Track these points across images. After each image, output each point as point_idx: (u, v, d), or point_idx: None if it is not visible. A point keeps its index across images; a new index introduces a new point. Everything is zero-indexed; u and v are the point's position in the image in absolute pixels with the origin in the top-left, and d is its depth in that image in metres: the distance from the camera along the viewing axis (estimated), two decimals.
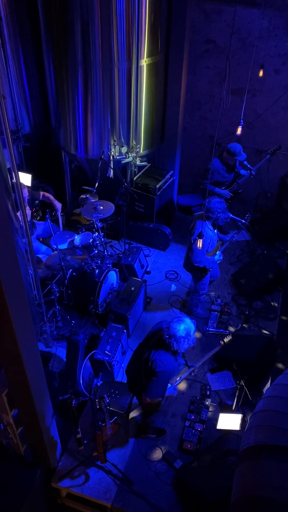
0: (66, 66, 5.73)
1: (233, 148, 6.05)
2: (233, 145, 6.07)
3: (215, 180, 6.30)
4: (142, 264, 6.47)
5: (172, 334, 3.67)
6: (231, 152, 6.07)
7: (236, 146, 6.06)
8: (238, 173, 6.43)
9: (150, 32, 5.56)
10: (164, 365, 3.75)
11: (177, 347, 3.70)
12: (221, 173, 6.30)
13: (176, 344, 3.67)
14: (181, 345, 3.69)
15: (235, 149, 6.04)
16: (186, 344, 3.70)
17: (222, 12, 6.40)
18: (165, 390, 3.87)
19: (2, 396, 3.65)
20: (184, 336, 3.67)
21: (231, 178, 6.43)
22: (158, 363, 3.75)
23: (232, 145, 6.07)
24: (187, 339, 3.69)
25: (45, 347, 5.47)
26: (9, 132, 3.82)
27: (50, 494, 4.38)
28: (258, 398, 4.65)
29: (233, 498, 3.20)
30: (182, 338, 3.66)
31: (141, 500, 4.13)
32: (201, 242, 4.30)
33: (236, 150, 6.04)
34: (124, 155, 6.23)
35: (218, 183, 6.36)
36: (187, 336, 3.68)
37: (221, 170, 6.27)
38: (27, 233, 4.34)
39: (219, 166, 6.25)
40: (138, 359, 4.03)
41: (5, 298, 2.74)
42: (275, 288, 6.22)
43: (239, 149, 6.06)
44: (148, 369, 3.82)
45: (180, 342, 3.67)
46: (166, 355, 3.77)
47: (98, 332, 5.62)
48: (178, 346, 3.69)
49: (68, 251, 5.68)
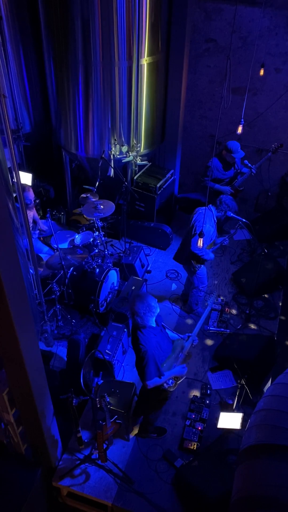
0: (67, 65, 5.72)
1: (230, 145, 6.10)
2: (231, 142, 6.12)
3: (215, 177, 6.33)
4: (142, 263, 6.47)
5: (133, 311, 3.79)
6: (228, 149, 6.12)
7: (234, 144, 6.09)
8: (239, 170, 6.44)
9: (151, 31, 5.56)
10: (144, 345, 3.80)
11: (142, 322, 3.80)
12: (219, 170, 6.33)
13: (140, 319, 3.78)
14: (145, 318, 3.78)
15: (232, 146, 6.09)
16: (149, 314, 3.79)
17: (223, 11, 6.39)
18: (157, 368, 3.86)
19: (3, 395, 3.65)
20: (144, 308, 3.76)
21: (231, 175, 6.44)
22: (139, 347, 3.82)
23: (230, 143, 6.12)
24: (148, 310, 3.77)
25: (45, 346, 5.48)
26: (10, 131, 3.82)
27: (50, 493, 4.39)
28: (259, 397, 4.65)
29: (233, 497, 3.20)
30: (142, 310, 3.76)
31: (142, 499, 4.14)
32: (201, 241, 4.31)
33: (233, 147, 6.08)
34: (124, 154, 6.22)
35: (218, 180, 6.38)
36: (147, 307, 3.76)
37: (219, 166, 6.32)
38: (28, 232, 4.34)
39: (217, 163, 6.30)
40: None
41: (6, 297, 2.74)
42: (276, 287, 6.22)
43: (236, 147, 6.09)
44: (137, 356, 3.88)
45: (142, 316, 3.77)
46: (142, 335, 3.83)
47: (98, 331, 5.63)
48: (143, 320, 3.79)
49: (68, 250, 5.69)
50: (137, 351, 3.87)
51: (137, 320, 3.81)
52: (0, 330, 3.05)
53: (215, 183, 6.34)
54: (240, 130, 5.27)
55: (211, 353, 5.43)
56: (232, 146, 6.09)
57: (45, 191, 7.24)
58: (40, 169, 7.14)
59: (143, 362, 3.79)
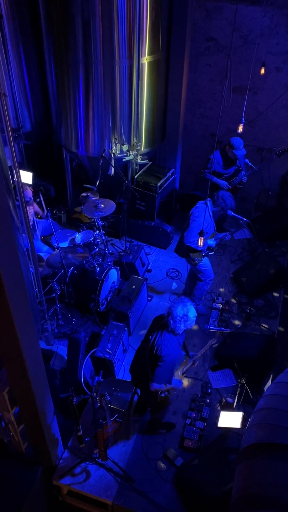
0: (67, 63, 5.72)
1: (233, 141, 6.12)
2: (235, 138, 6.13)
3: (214, 170, 6.34)
4: (143, 262, 6.47)
5: (170, 312, 3.74)
6: (231, 145, 6.13)
7: (237, 140, 6.10)
8: (240, 168, 6.44)
9: (151, 29, 5.55)
10: (168, 348, 3.75)
11: (173, 326, 3.73)
12: (220, 163, 6.35)
13: (172, 322, 3.72)
14: (177, 325, 3.72)
15: (234, 142, 6.11)
16: (182, 324, 3.73)
17: (223, 10, 6.38)
18: (171, 376, 3.85)
19: (3, 394, 3.66)
20: (181, 316, 3.70)
21: (231, 171, 6.45)
22: (163, 347, 3.76)
23: (233, 138, 6.13)
24: (183, 320, 3.72)
25: (46, 345, 5.48)
26: (10, 130, 3.82)
27: (51, 491, 4.39)
28: (259, 396, 4.65)
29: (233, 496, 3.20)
30: (178, 317, 3.70)
31: (142, 498, 4.14)
32: (202, 240, 4.32)
33: (236, 143, 6.09)
34: (125, 153, 6.22)
35: (217, 174, 6.39)
36: (183, 317, 3.71)
37: (219, 160, 6.34)
38: (28, 231, 4.34)
39: (218, 157, 6.31)
40: (142, 351, 4.05)
41: (6, 296, 2.74)
42: (276, 286, 6.22)
43: (239, 143, 6.10)
44: (154, 356, 3.82)
45: (176, 321, 3.71)
46: (169, 338, 3.78)
47: (99, 330, 5.63)
48: (175, 325, 3.72)
49: (69, 249, 5.69)
50: (154, 350, 3.80)
51: (169, 322, 3.75)
52: (0, 329, 3.05)
53: (214, 177, 6.35)
54: (240, 129, 5.27)
55: (212, 352, 5.43)
56: (235, 142, 6.10)
57: (45, 190, 7.24)
58: (41, 168, 7.14)
59: (160, 363, 3.76)
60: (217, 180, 6.36)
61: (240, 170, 6.46)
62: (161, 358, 3.75)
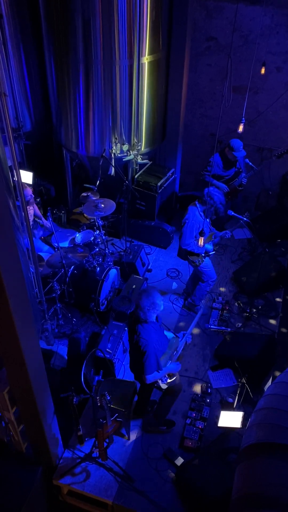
0: (67, 63, 5.72)
1: (232, 143, 6.12)
2: (234, 140, 6.13)
3: (214, 173, 6.34)
4: (143, 262, 6.47)
5: (138, 304, 3.87)
6: (230, 147, 6.13)
7: (236, 142, 6.10)
8: (240, 169, 6.44)
9: (152, 29, 5.55)
10: (144, 339, 3.86)
11: (144, 317, 3.86)
12: (220, 166, 6.34)
13: (142, 314, 3.85)
14: (148, 314, 3.85)
15: (233, 144, 6.10)
16: (152, 312, 3.87)
17: (224, 9, 6.38)
18: (157, 362, 3.91)
19: (3, 393, 3.66)
20: (149, 305, 3.82)
21: (231, 173, 6.44)
22: (140, 340, 3.88)
23: (233, 140, 6.13)
24: (152, 307, 3.84)
25: (46, 345, 5.48)
26: (10, 130, 3.82)
27: (51, 491, 4.39)
28: (259, 396, 4.65)
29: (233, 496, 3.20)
30: (147, 307, 3.82)
31: (142, 498, 4.14)
32: (202, 239, 4.33)
33: (235, 145, 6.09)
34: (125, 153, 6.22)
35: (217, 176, 6.39)
36: (152, 305, 3.84)
37: (219, 163, 6.34)
38: (29, 230, 4.34)
39: (218, 159, 6.31)
40: (131, 352, 4.19)
41: (6, 296, 2.74)
42: (277, 286, 6.22)
43: (238, 145, 6.09)
44: (139, 351, 3.91)
45: (145, 311, 3.83)
46: (143, 329, 3.90)
47: (99, 330, 5.63)
48: (145, 315, 3.85)
49: (69, 249, 5.69)
50: (136, 345, 3.92)
51: (139, 314, 3.87)
52: (0, 328, 3.05)
53: (213, 179, 6.35)
54: (241, 129, 5.27)
55: (212, 352, 5.43)
56: (234, 144, 6.09)
57: (45, 190, 7.24)
58: (41, 168, 7.14)
59: (144, 355, 3.85)
60: (216, 183, 6.35)
61: (240, 172, 6.45)
62: (142, 350, 3.86)
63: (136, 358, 4.02)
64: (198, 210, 5.22)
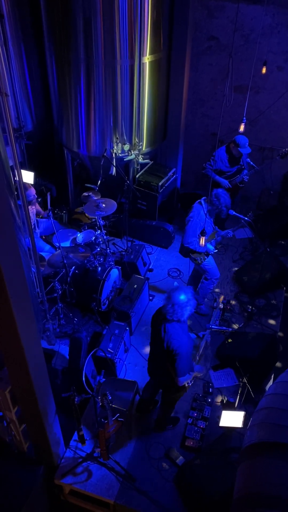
0: (69, 63, 5.72)
1: (238, 139, 6.12)
2: (240, 136, 6.13)
3: (218, 168, 6.34)
4: (144, 262, 6.47)
5: (175, 302, 3.67)
6: (236, 143, 6.13)
7: (242, 138, 6.11)
8: (243, 167, 6.44)
9: (153, 29, 5.55)
10: (177, 340, 3.72)
11: (181, 314, 3.69)
12: (223, 161, 6.34)
13: (180, 310, 3.67)
14: (184, 311, 3.69)
15: (239, 140, 6.11)
16: (189, 310, 3.72)
17: (225, 9, 6.38)
18: (190, 363, 3.83)
19: (5, 393, 3.66)
20: (186, 301, 3.68)
21: (234, 170, 6.44)
22: (172, 341, 3.72)
23: (239, 136, 6.13)
24: (189, 305, 3.70)
25: (47, 345, 5.48)
26: (12, 130, 3.82)
27: (53, 490, 4.40)
28: (261, 395, 4.65)
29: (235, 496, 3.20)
30: (184, 303, 3.67)
31: (144, 497, 4.15)
32: (203, 239, 4.32)
33: (241, 141, 6.10)
34: (126, 152, 6.22)
35: (220, 172, 6.38)
36: (188, 301, 3.69)
37: (224, 158, 6.33)
38: (30, 230, 4.34)
39: (223, 154, 6.30)
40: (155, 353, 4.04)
41: (8, 296, 2.75)
42: (278, 286, 6.21)
43: (244, 141, 6.10)
44: (167, 352, 3.79)
45: (183, 308, 3.67)
46: (173, 329, 3.75)
47: (100, 330, 5.63)
48: (182, 312, 3.68)
49: (70, 249, 5.69)
50: (166, 346, 3.76)
51: (176, 312, 3.68)
52: (2, 328, 3.05)
53: (215, 174, 6.35)
54: (242, 128, 5.27)
55: (213, 352, 5.43)
56: (240, 140, 6.10)
57: (47, 189, 7.24)
58: (42, 168, 7.14)
59: (176, 357, 3.71)
60: (218, 178, 6.36)
61: (243, 169, 6.45)
62: (175, 352, 3.72)
63: (163, 361, 3.87)
64: (203, 209, 5.20)
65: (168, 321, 3.76)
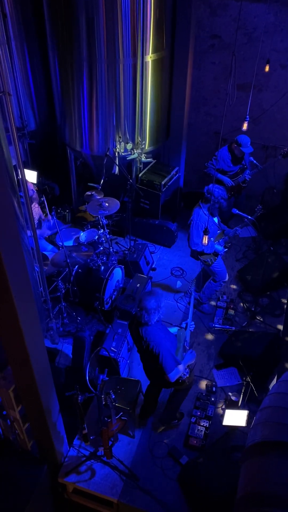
0: (71, 62, 5.72)
1: (240, 139, 6.11)
2: (242, 136, 6.12)
3: (220, 167, 6.33)
4: (147, 261, 6.47)
5: (143, 306, 3.76)
6: (238, 143, 6.11)
7: (243, 137, 6.10)
8: (245, 166, 6.42)
9: (155, 27, 5.54)
10: (154, 340, 3.81)
11: (148, 319, 3.78)
12: (226, 161, 6.33)
13: (146, 315, 3.77)
14: (151, 317, 3.77)
15: (242, 139, 6.10)
16: (156, 315, 3.79)
17: (228, 7, 6.36)
18: (173, 358, 3.86)
19: (9, 392, 3.68)
20: (154, 307, 3.75)
21: (236, 169, 6.43)
22: (150, 342, 3.82)
23: (240, 136, 6.12)
24: (156, 311, 3.78)
25: (51, 344, 5.50)
26: (15, 129, 3.82)
27: (56, 489, 4.41)
28: (264, 394, 4.64)
29: (238, 494, 3.20)
30: (152, 309, 3.75)
31: (147, 496, 4.15)
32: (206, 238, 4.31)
33: (243, 141, 6.09)
34: (129, 151, 6.22)
35: (222, 171, 6.38)
36: (157, 308, 3.77)
37: (226, 158, 6.32)
38: (33, 229, 4.35)
39: (225, 154, 6.30)
40: (143, 357, 4.11)
41: (11, 295, 2.75)
42: (281, 285, 6.20)
43: (246, 141, 6.09)
44: (150, 354, 3.86)
45: (150, 313, 3.76)
46: (148, 332, 3.84)
47: (104, 329, 5.64)
48: (149, 317, 3.77)
49: (73, 248, 5.69)
50: (148, 350, 3.85)
51: (143, 316, 3.79)
52: (6, 327, 3.06)
53: (217, 173, 6.34)
54: (245, 126, 5.25)
55: (217, 351, 5.43)
56: (242, 139, 6.09)
57: (50, 189, 7.25)
58: (45, 167, 7.15)
59: (159, 357, 3.78)
60: (221, 176, 6.35)
61: (245, 168, 6.44)
62: (155, 352, 3.80)
63: (151, 363, 3.94)
64: (202, 210, 5.21)
65: (141, 325, 3.86)
